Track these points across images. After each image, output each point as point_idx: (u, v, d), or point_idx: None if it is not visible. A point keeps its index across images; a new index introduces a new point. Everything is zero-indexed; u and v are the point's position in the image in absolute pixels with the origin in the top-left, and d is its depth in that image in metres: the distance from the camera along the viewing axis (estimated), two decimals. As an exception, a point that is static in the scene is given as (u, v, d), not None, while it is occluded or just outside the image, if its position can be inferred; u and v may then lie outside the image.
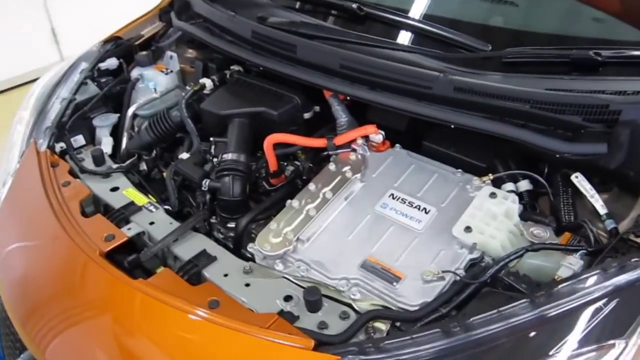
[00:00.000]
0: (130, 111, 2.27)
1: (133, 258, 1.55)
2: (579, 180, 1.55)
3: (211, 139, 1.95)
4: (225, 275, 1.54)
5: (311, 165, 1.95)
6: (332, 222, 1.61)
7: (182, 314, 1.35)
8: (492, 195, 1.54)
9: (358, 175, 1.71)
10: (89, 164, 2.03)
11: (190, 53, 2.59)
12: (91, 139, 2.26)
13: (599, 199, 1.52)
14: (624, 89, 1.53)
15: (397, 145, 1.80)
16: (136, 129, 2.25)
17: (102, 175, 1.96)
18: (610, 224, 1.48)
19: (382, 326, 1.38)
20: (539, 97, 1.55)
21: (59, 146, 2.10)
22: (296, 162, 1.94)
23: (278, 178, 1.93)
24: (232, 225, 1.85)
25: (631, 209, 1.55)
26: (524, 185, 1.66)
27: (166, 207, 1.85)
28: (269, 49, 2.02)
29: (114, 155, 2.17)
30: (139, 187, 1.96)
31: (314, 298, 1.40)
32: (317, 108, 1.99)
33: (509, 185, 1.64)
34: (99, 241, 1.60)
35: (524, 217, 1.54)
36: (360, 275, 1.47)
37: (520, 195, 1.64)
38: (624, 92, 1.51)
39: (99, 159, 2.01)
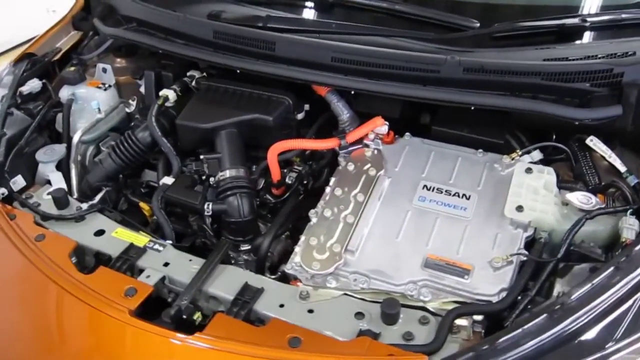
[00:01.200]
0: (75, 138, 1.95)
1: (175, 311, 1.33)
2: (595, 143, 1.62)
3: (202, 157, 1.73)
4: (281, 305, 1.38)
5: (312, 167, 1.83)
6: (373, 225, 1.52)
7: (275, 364, 1.19)
8: (528, 170, 1.55)
9: (382, 172, 1.62)
10: (47, 207, 1.71)
11: (119, 63, 2.28)
12: (32, 178, 1.90)
13: (617, 158, 1.59)
14: (616, 50, 1.62)
15: (407, 133, 1.75)
16: (95, 159, 1.94)
17: (75, 219, 1.66)
18: (633, 180, 1.56)
19: (465, 322, 1.33)
20: (551, 68, 1.58)
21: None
22: (296, 168, 1.80)
23: (280, 187, 1.78)
24: (245, 247, 1.68)
25: (635, 163, 1.65)
26: (537, 155, 1.69)
27: (168, 242, 1.62)
28: (238, 49, 1.83)
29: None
30: (124, 224, 1.69)
31: (395, 310, 1.32)
32: (307, 106, 1.86)
33: (527, 158, 1.66)
34: (120, 298, 1.35)
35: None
36: (427, 275, 1.40)
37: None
38: (624, 53, 1.58)
39: (62, 201, 1.70)
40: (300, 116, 1.83)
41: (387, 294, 1.39)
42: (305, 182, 1.82)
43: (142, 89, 2.11)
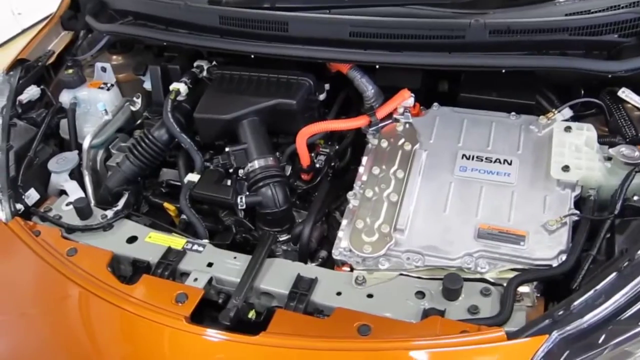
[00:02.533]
0: (86, 144, 1.87)
1: (234, 313, 1.27)
2: (627, 94, 1.59)
3: (227, 149, 1.66)
4: (339, 293, 1.34)
5: (337, 148, 1.77)
6: (418, 201, 1.48)
7: (355, 354, 1.14)
8: (568, 129, 1.52)
9: (418, 145, 1.58)
10: (70, 219, 1.63)
11: (117, 60, 2.18)
12: (44, 190, 1.82)
13: (651, 107, 1.57)
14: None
15: (435, 103, 1.70)
16: (108, 162, 1.86)
17: (103, 228, 1.58)
18: (670, 129, 1.54)
19: (527, 289, 1.31)
20: (578, 23, 1.53)
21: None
22: (323, 150, 1.75)
23: (309, 172, 1.72)
24: (284, 237, 1.63)
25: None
26: (567, 112, 1.66)
27: (205, 241, 1.56)
28: (247, 33, 1.75)
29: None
30: (155, 227, 1.62)
31: (458, 285, 1.29)
32: (327, 86, 1.79)
33: (559, 117, 1.63)
34: (172, 306, 1.30)
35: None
36: (481, 245, 1.37)
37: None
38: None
39: (85, 210, 1.62)
40: (322, 97, 1.77)
41: (444, 270, 1.36)
42: (333, 164, 1.77)
43: (146, 85, 2.02)
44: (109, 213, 1.64)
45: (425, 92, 1.81)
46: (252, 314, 1.36)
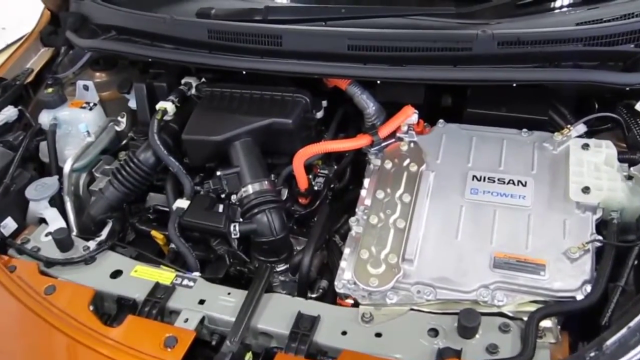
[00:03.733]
0: (67, 168, 1.74)
1: (230, 358, 1.15)
2: (645, 107, 1.49)
3: (218, 173, 1.54)
4: (344, 333, 1.22)
5: (337, 168, 1.66)
6: (427, 227, 1.36)
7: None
8: (585, 146, 1.42)
9: (424, 166, 1.47)
10: (49, 251, 1.50)
11: (100, 77, 2.06)
12: (22, 218, 1.68)
13: (671, 120, 1.47)
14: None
15: (440, 120, 1.59)
16: (91, 187, 1.73)
17: (85, 261, 1.46)
18: (692, 142, 1.44)
19: (549, 324, 1.20)
20: (592, 32, 1.44)
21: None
22: (322, 172, 1.63)
23: (308, 196, 1.61)
24: (282, 268, 1.51)
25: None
26: (581, 128, 1.55)
27: (196, 274, 1.43)
28: (238, 48, 1.64)
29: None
30: (142, 259, 1.50)
31: (475, 323, 1.17)
32: (324, 103, 1.68)
33: (574, 132, 1.52)
34: (161, 351, 1.17)
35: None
36: (498, 276, 1.26)
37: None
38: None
39: (65, 242, 1.50)
40: (319, 114, 1.65)
41: (457, 303, 1.25)
42: (332, 185, 1.65)
43: (131, 104, 1.90)
44: (92, 244, 1.52)
45: (429, 108, 1.70)
46: (249, 357, 1.23)
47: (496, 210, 1.37)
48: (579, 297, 1.21)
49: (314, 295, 1.49)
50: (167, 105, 1.70)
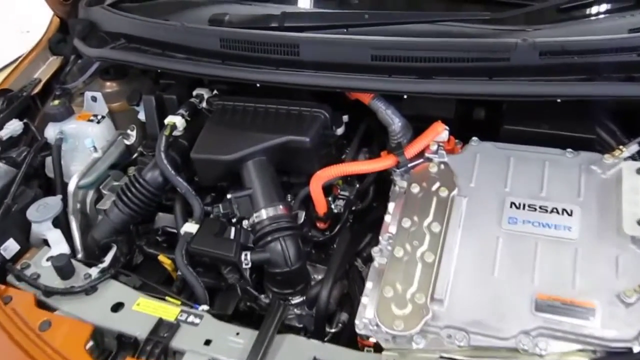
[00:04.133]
0: (72, 185, 1.64)
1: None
2: None
3: (229, 195, 1.42)
4: (366, 383, 1.09)
5: (358, 189, 1.52)
6: (459, 262, 1.22)
7: None
8: (640, 170, 1.25)
9: (456, 191, 1.32)
10: (49, 278, 1.40)
11: (110, 87, 1.96)
12: (25, 239, 1.59)
13: None
14: None
15: (474, 138, 1.43)
16: (98, 206, 1.63)
17: (85, 291, 1.35)
18: None
19: (600, 378, 1.04)
20: (649, 40, 1.27)
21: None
22: (343, 193, 1.50)
23: (326, 220, 1.47)
24: (297, 300, 1.38)
25: None
26: (634, 148, 1.38)
27: (204, 307, 1.31)
28: (252, 58, 1.52)
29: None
30: (146, 289, 1.39)
31: (516, 378, 1.02)
32: (345, 118, 1.54)
33: (627, 153, 1.35)
34: (161, 402, 1.05)
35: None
36: (541, 321, 1.11)
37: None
38: None
39: (66, 269, 1.39)
40: (340, 131, 1.52)
41: (494, 351, 1.10)
42: (353, 208, 1.52)
43: (141, 116, 1.79)
44: (94, 272, 1.41)
45: (460, 123, 1.55)
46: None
47: (538, 243, 1.21)
48: (636, 348, 1.05)
49: (332, 330, 1.37)
50: (176, 120, 1.59)
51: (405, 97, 1.42)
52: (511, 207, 1.27)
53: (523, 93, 1.32)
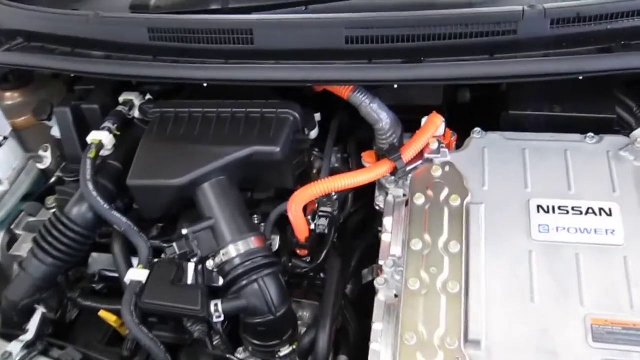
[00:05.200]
0: (-29, 234, 1.26)
1: None
2: None
3: (184, 231, 1.10)
4: None
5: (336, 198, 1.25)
6: (490, 288, 0.98)
7: None
8: (681, 155, 1.06)
9: (469, 198, 1.08)
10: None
11: (11, 98, 1.58)
12: None
13: None
14: None
15: (477, 129, 1.20)
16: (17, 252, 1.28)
17: (5, 379, 1.01)
18: None
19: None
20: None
21: None
22: (324, 210, 1.22)
23: (308, 247, 1.20)
24: (286, 351, 1.11)
25: None
26: (654, 125, 1.20)
27: (170, 381, 1.01)
28: (192, 50, 1.21)
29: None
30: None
31: None
32: (318, 117, 1.26)
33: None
34: None
35: None
36: (602, 354, 0.90)
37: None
38: None
39: (-25, 351, 1.04)
40: (314, 134, 1.24)
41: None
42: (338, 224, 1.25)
43: (55, 132, 1.43)
44: (15, 348, 1.08)
45: (448, 109, 1.32)
46: None
47: (579, 254, 1.00)
48: None
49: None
50: (102, 136, 1.24)
51: (395, 86, 1.15)
52: (538, 211, 1.05)
53: (533, 72, 1.09)
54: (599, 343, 0.91)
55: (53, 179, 1.46)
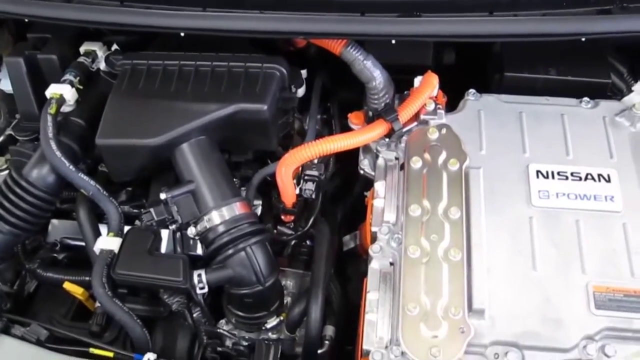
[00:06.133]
0: None
1: None
2: None
3: (163, 195, 1.00)
4: None
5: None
6: (492, 256, 0.95)
7: None
8: (677, 120, 1.05)
9: (467, 162, 1.03)
10: None
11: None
12: None
13: None
14: None
15: (471, 90, 1.15)
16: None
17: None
18: None
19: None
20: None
21: None
22: (310, 173, 1.14)
23: (295, 213, 1.13)
24: (274, 323, 1.05)
25: None
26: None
27: (150, 357, 0.93)
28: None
29: None
30: (55, 342, 0.97)
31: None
32: (304, 73, 1.18)
33: (637, 96, 1.15)
34: None
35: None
36: (605, 322, 0.89)
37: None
38: None
39: None
40: (300, 92, 1.15)
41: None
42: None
43: (5, 86, 1.27)
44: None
45: (437, 70, 1.26)
46: None
47: (579, 220, 0.98)
48: None
49: (320, 351, 1.06)
50: (64, 90, 1.11)
51: (393, 42, 1.08)
52: (538, 177, 1.02)
53: (532, 32, 1.05)
54: (602, 310, 0.90)
55: (1, 138, 1.31)
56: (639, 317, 0.89)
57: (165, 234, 1.08)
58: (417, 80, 1.13)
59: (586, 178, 1.02)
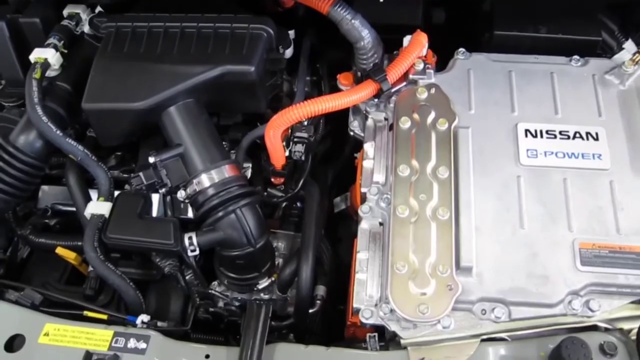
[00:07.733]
0: None
1: None
2: None
3: (151, 159, 1.00)
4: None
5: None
6: (480, 214, 0.96)
7: None
8: (667, 77, 1.05)
9: (456, 122, 1.03)
10: None
11: None
12: None
13: None
14: None
15: (461, 49, 1.14)
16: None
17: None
18: None
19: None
20: None
21: None
22: (299, 135, 1.14)
23: (284, 175, 1.13)
24: (265, 284, 1.06)
25: None
26: (631, 47, 1.17)
27: (142, 318, 0.95)
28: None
29: None
30: (51, 305, 0.98)
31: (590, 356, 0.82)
32: (292, 34, 1.16)
33: (626, 54, 1.14)
34: None
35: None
36: (590, 277, 0.91)
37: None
38: None
39: None
40: (288, 53, 1.14)
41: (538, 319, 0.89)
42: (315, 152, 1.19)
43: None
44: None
45: (426, 29, 1.24)
46: None
47: (567, 178, 0.99)
48: (700, 294, 0.89)
49: (311, 310, 1.08)
50: (48, 55, 1.10)
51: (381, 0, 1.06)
52: (526, 135, 1.03)
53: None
54: (587, 266, 0.92)
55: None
56: (623, 272, 0.90)
57: (155, 197, 1.09)
58: (406, 40, 1.12)
59: (574, 136, 1.02)
